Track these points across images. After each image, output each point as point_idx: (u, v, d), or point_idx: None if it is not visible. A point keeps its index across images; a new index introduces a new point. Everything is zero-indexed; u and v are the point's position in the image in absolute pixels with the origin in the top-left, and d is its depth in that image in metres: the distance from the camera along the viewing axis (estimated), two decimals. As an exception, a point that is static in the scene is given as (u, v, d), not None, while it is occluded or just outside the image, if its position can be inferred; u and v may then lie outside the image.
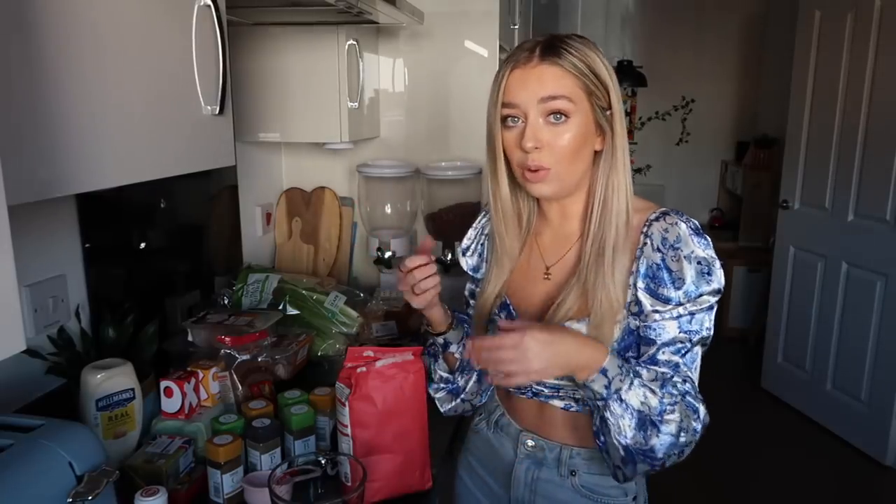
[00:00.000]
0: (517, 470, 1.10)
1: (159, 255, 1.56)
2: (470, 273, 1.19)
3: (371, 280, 2.11)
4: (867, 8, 2.81)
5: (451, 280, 1.65)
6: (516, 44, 2.36)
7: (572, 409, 1.03)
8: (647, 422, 0.89)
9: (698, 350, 0.95)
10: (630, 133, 4.85)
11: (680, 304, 0.92)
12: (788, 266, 3.37)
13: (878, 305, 2.85)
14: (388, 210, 1.99)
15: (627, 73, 4.39)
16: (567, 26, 4.50)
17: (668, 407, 0.89)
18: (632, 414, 0.89)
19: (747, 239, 4.35)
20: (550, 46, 0.93)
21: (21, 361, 1.11)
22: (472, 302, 1.20)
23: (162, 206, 1.56)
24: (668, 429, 0.89)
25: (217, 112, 1.02)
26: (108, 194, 1.31)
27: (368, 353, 1.07)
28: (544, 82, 0.92)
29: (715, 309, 0.95)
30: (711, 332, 0.95)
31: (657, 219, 0.96)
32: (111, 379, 1.08)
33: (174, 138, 0.95)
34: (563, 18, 4.58)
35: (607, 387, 0.88)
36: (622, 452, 0.91)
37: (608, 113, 0.95)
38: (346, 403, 1.02)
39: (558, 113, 0.92)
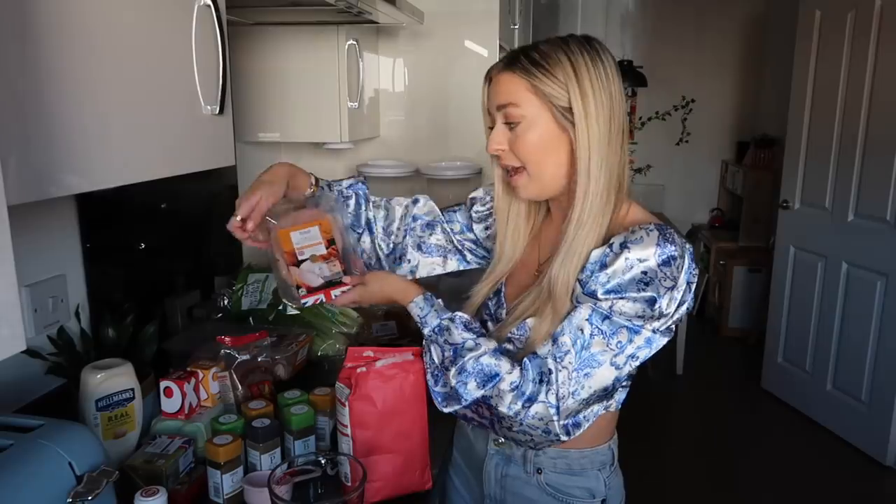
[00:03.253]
0: (487, 465, 1.12)
1: (159, 255, 1.56)
2: (473, 221, 1.19)
3: (371, 280, 2.10)
4: (867, 8, 2.81)
5: (452, 279, 1.64)
6: (516, 44, 2.37)
7: None
8: (447, 360, 0.96)
9: (606, 364, 0.88)
10: (630, 133, 4.84)
11: (594, 293, 0.89)
12: (788, 266, 3.37)
13: (878, 305, 2.85)
14: (388, 210, 1.98)
15: (627, 73, 4.39)
16: (567, 26, 4.51)
17: (465, 360, 0.93)
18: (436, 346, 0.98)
19: (747, 239, 4.34)
20: (514, 55, 0.96)
21: (21, 361, 1.11)
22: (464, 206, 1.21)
23: (162, 206, 1.56)
24: (464, 376, 0.92)
25: (217, 112, 1.02)
26: (108, 194, 1.31)
27: (368, 353, 1.07)
28: (499, 91, 0.96)
29: (655, 344, 0.88)
30: (631, 363, 0.89)
31: (637, 230, 0.91)
32: (111, 379, 1.08)
33: (174, 138, 0.95)
34: (563, 18, 4.58)
35: (420, 318, 1.01)
36: (431, 373, 0.99)
37: (570, 113, 0.92)
38: (346, 403, 1.02)
39: (509, 119, 0.96)
